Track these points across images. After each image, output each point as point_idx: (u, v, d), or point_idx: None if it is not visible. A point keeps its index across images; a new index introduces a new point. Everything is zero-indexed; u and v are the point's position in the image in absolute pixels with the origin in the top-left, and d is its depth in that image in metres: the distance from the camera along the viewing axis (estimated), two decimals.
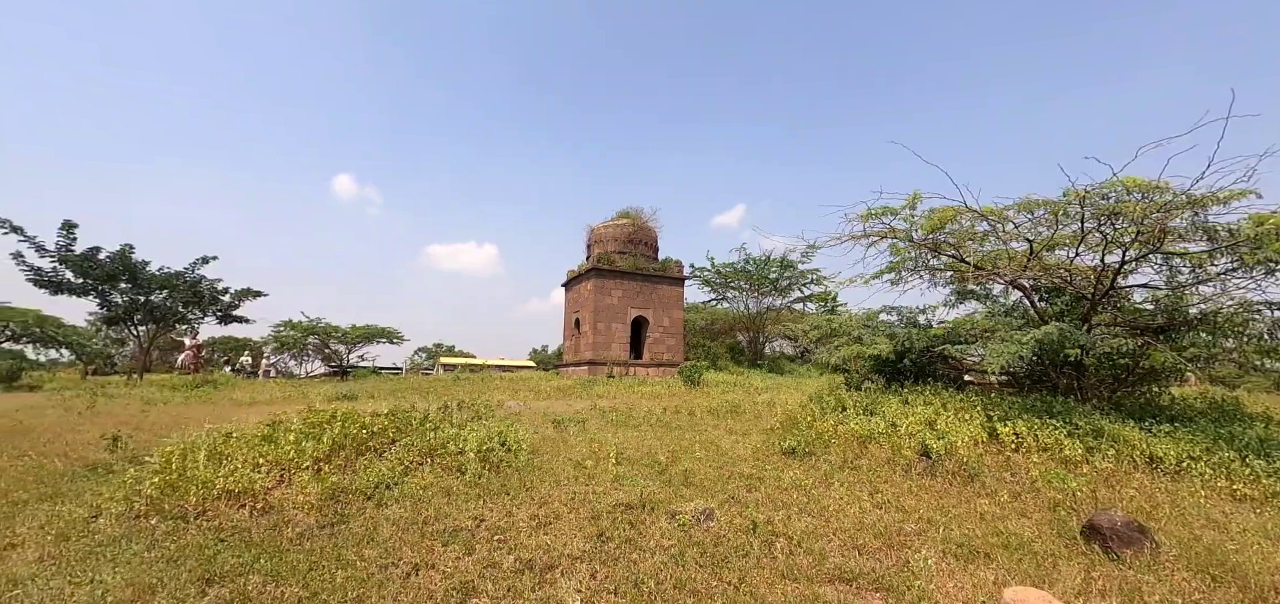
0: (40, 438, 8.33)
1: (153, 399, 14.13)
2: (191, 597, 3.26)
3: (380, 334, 27.14)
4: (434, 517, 4.51)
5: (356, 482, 5.04)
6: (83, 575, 3.51)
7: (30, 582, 3.42)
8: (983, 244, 7.46)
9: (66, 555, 3.83)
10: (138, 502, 4.69)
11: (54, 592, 3.30)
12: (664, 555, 3.87)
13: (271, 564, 3.67)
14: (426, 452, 5.72)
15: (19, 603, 3.23)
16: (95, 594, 3.25)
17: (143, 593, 3.27)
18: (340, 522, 4.42)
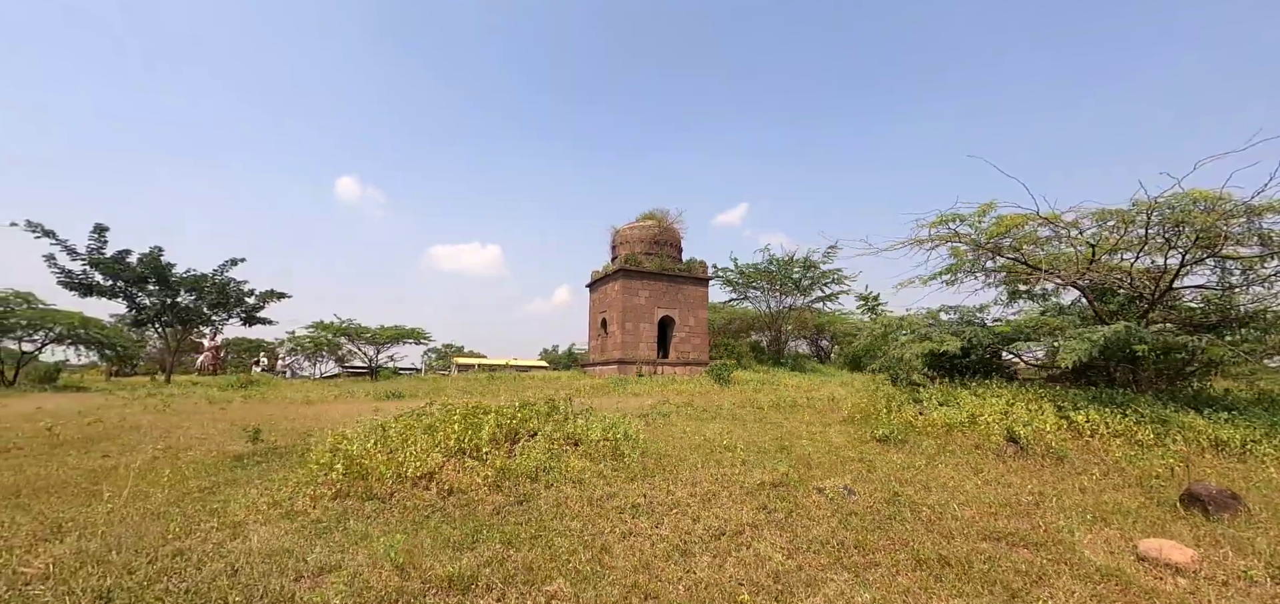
0: (156, 434, 8.82)
1: (216, 399, 14.57)
2: (450, 558, 3.81)
3: (407, 335, 27.56)
4: (603, 495, 5.07)
5: (518, 465, 5.60)
6: (341, 543, 4.05)
7: (299, 551, 3.95)
8: (1043, 248, 8.13)
9: (306, 529, 4.37)
10: (327, 487, 5.25)
11: (326, 557, 3.83)
12: (830, 521, 4.47)
13: (498, 534, 4.22)
14: (568, 439, 6.29)
15: (304, 564, 3.76)
16: (375, 554, 3.80)
17: (412, 556, 3.81)
18: (525, 499, 4.99)
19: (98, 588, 3.40)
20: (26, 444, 7.90)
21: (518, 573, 3.61)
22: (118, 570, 3.64)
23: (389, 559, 3.70)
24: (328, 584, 3.49)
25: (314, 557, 3.78)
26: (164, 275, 25.00)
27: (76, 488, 5.70)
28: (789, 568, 3.77)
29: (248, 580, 3.52)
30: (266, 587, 3.47)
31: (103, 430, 8.98)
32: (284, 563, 3.72)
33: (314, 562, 3.71)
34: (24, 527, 4.47)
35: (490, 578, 3.52)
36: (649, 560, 3.85)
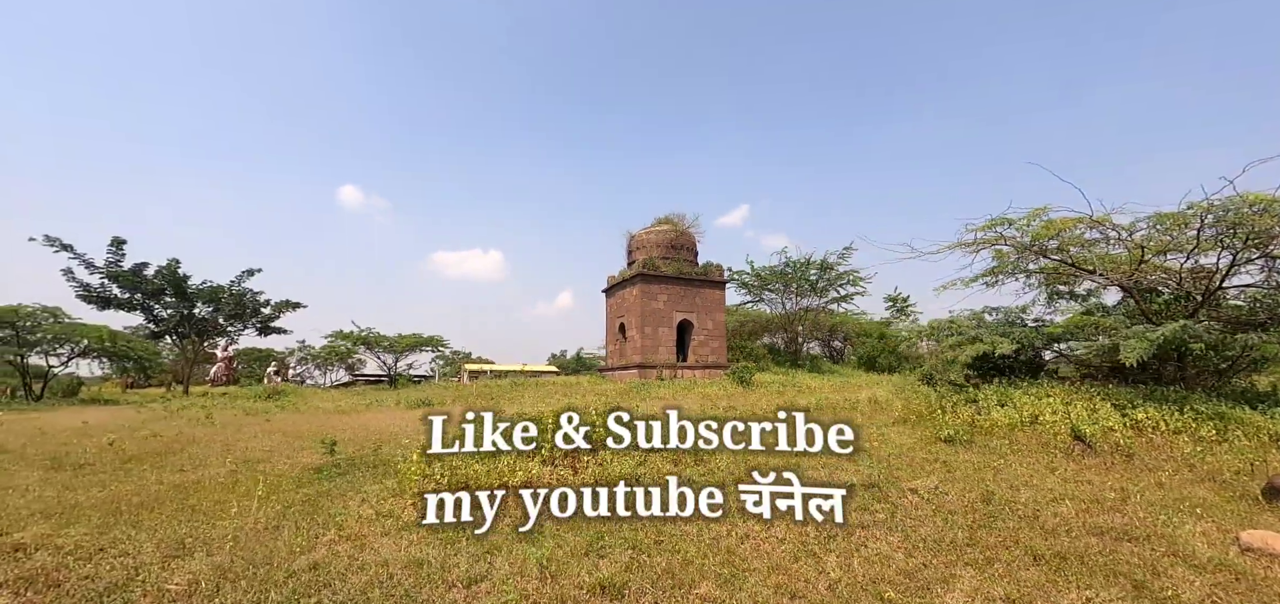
0: (217, 447, 8.92)
1: (252, 410, 14.65)
2: (590, 566, 3.96)
3: (425, 342, 27.64)
4: None
5: (613, 472, 5.76)
6: (476, 553, 4.18)
7: (438, 561, 4.09)
8: (1088, 249, 8.35)
9: (431, 540, 4.50)
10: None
11: (469, 567, 3.96)
12: (934, 521, 4.65)
13: (623, 540, 4.37)
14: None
15: (450, 574, 3.90)
16: (517, 563, 3.95)
17: (554, 564, 3.95)
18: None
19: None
20: (96, 460, 7.99)
21: (662, 578, 3.76)
22: (260, 586, 3.76)
23: (536, 567, 3.85)
24: (482, 594, 3.64)
25: (458, 567, 3.92)
26: (181, 287, 25.02)
27: (172, 504, 5.81)
28: (915, 565, 3.94)
29: (400, 593, 3.66)
30: (419, 599, 3.61)
31: (163, 445, 9.07)
32: (429, 574, 3.86)
33: (461, 572, 3.85)
34: (145, 544, 4.58)
35: (639, 584, 3.67)
36: (778, 561, 4.02)
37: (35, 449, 8.85)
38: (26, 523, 5.14)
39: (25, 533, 4.83)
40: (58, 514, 5.41)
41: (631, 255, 25.26)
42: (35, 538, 4.72)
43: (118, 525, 5.05)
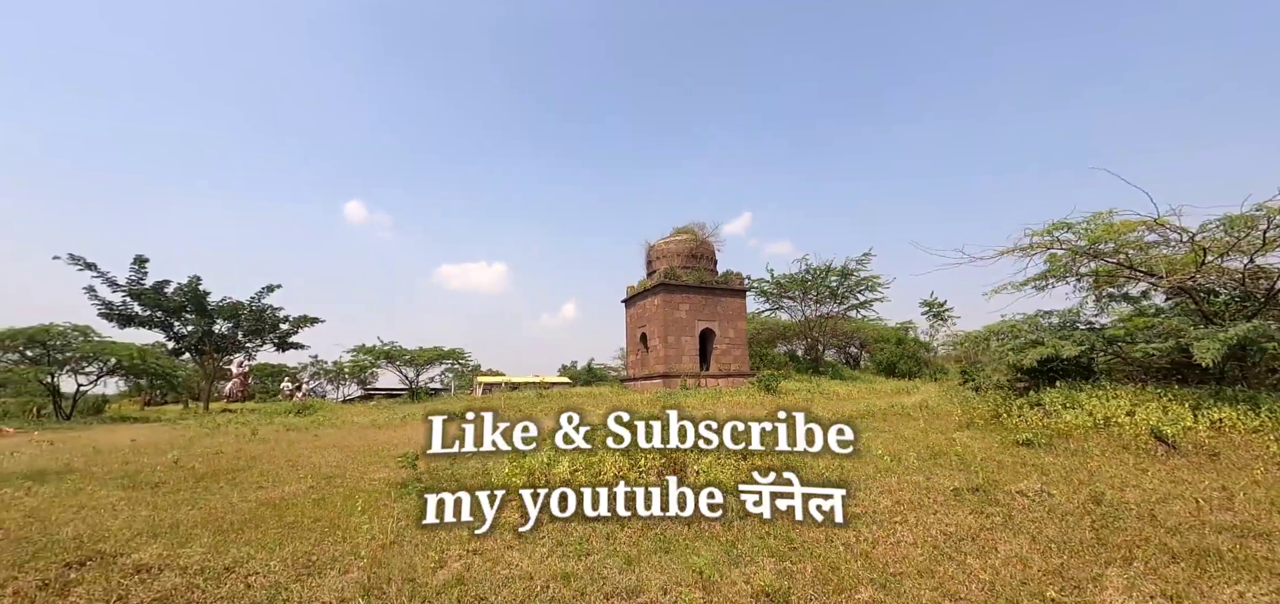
0: (282, 463, 8.95)
1: (292, 424, 14.67)
2: (742, 573, 4.01)
3: (446, 356, 27.62)
4: None
5: (706, 481, 5.80)
6: (621, 564, 4.22)
7: (586, 573, 4.14)
8: (1147, 252, 8.48)
9: (568, 551, 4.55)
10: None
11: (622, 578, 4.00)
12: (1054, 522, 4.71)
13: (763, 548, 4.43)
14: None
15: (604, 586, 3.94)
16: (674, 573, 4.00)
17: (709, 573, 4.00)
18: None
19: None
20: (168, 477, 8.00)
21: (818, 584, 3.81)
22: (421, 603, 3.80)
23: (693, 575, 3.89)
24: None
25: (611, 578, 3.96)
26: (202, 304, 25.03)
27: (273, 522, 5.80)
28: (1057, 565, 4.00)
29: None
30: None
31: (228, 462, 9.08)
32: (583, 587, 3.89)
33: (616, 584, 3.89)
34: (270, 562, 4.60)
35: (800, 590, 3.72)
36: (921, 565, 4.07)
37: (99, 467, 8.85)
38: (136, 542, 5.15)
39: (142, 553, 4.85)
40: (164, 533, 5.42)
41: (651, 265, 25.39)
42: (156, 558, 4.74)
43: (231, 544, 5.06)
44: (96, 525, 5.66)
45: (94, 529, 5.53)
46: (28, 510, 6.27)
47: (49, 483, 7.82)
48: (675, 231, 25.74)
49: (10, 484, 7.69)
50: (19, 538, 5.34)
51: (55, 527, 5.60)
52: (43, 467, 9.00)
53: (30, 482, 7.84)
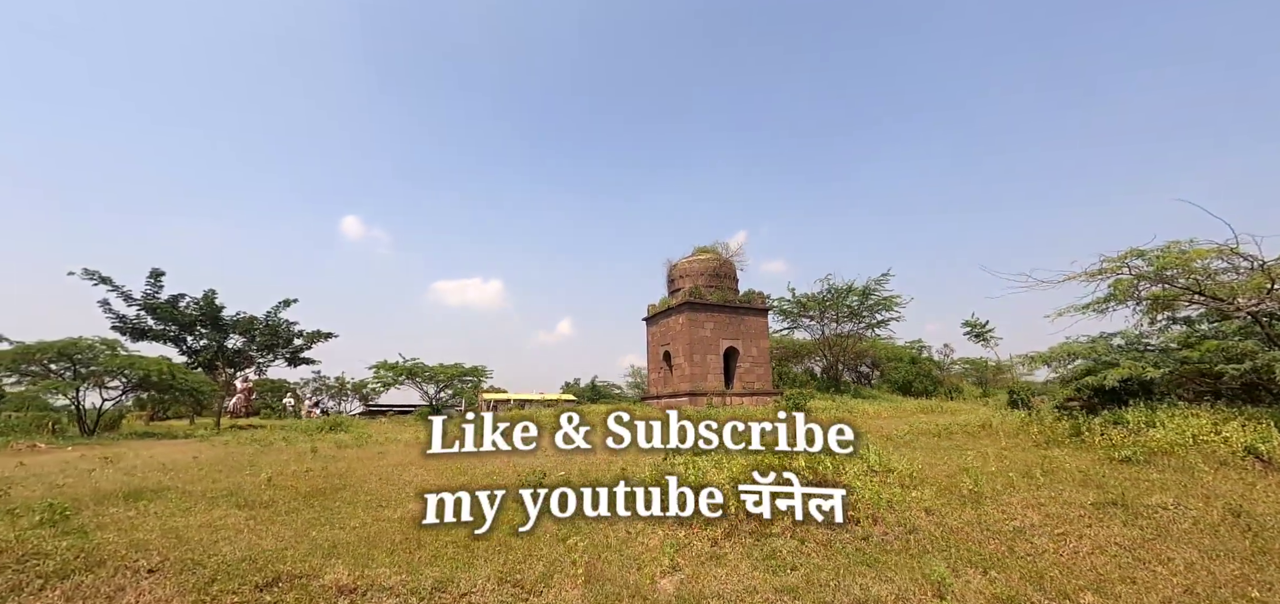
0: (375, 481, 8.94)
1: (344, 442, 14.53)
2: (975, 580, 4.23)
3: (467, 373, 27.39)
4: (955, 522, 5.54)
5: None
6: (807, 576, 4.41)
7: (776, 588, 4.32)
8: (1215, 278, 8.98)
9: (755, 564, 4.72)
10: (693, 525, 5.60)
11: (857, 586, 4.21)
12: (1205, 535, 5.01)
13: (942, 557, 4.65)
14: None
15: (822, 598, 4.12)
16: (903, 582, 4.20)
17: (946, 580, 4.21)
18: (914, 529, 5.42)
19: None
20: (274, 498, 7.95)
21: (1038, 587, 4.05)
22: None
23: (930, 583, 4.10)
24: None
25: (833, 587, 4.15)
26: (217, 318, 24.63)
27: (429, 541, 5.80)
28: (1235, 572, 4.29)
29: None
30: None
31: (324, 481, 9.03)
32: (819, 597, 4.08)
33: (849, 591, 4.08)
34: (479, 581, 4.65)
35: (1031, 596, 3.95)
36: (1118, 573, 4.33)
37: (188, 486, 8.74)
38: (314, 562, 5.17)
39: (332, 572, 4.88)
40: (336, 552, 5.43)
41: (674, 284, 25.66)
42: (350, 578, 4.77)
43: (421, 565, 5.07)
44: (252, 546, 5.66)
45: (252, 550, 5.52)
46: (163, 531, 6.22)
47: (150, 501, 7.73)
48: (697, 250, 26.08)
49: (113, 504, 7.57)
50: (180, 561, 5.30)
51: (205, 548, 5.56)
52: (129, 486, 8.85)
53: (131, 501, 7.74)
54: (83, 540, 5.59)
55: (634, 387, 45.85)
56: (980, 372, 31.21)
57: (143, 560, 5.25)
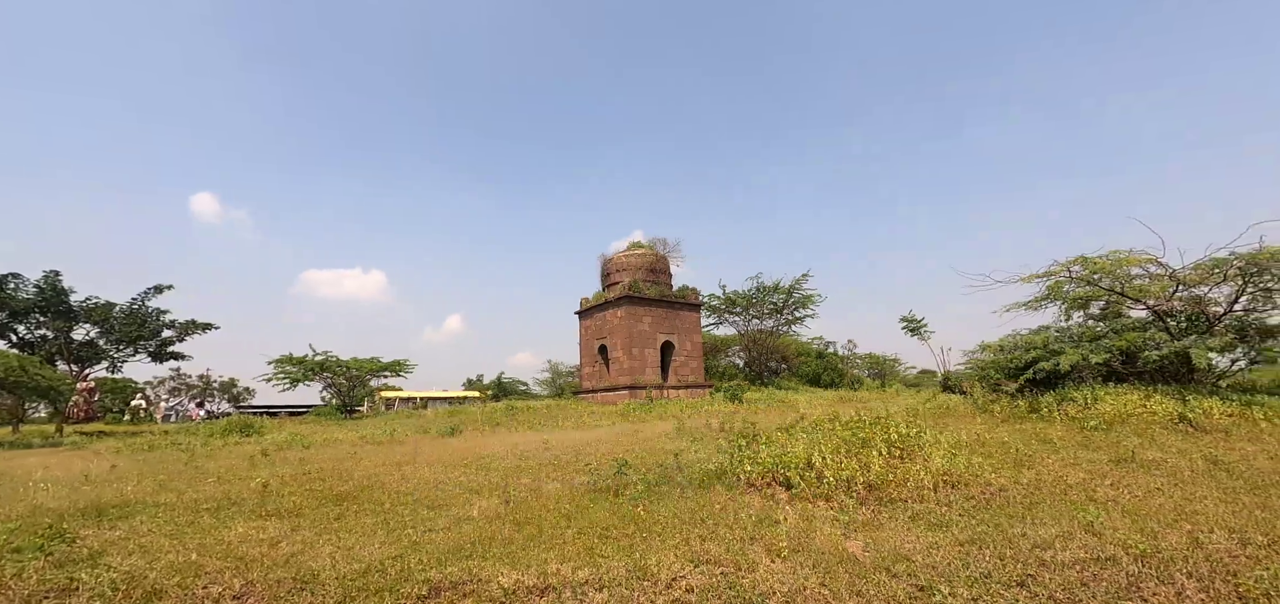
0: (400, 483, 8.03)
1: (280, 443, 12.65)
2: (1126, 533, 4.88)
3: (386, 368, 24.71)
4: (1036, 483, 6.36)
5: (932, 471, 6.63)
6: (980, 534, 4.86)
7: (924, 556, 4.73)
8: (1130, 283, 11.06)
9: (909, 534, 5.07)
10: (830, 503, 5.86)
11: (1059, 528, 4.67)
12: (1209, 478, 6.25)
13: (1075, 516, 5.34)
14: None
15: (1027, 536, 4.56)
16: (1069, 526, 4.74)
17: (1109, 528, 4.80)
18: (1002, 490, 6.09)
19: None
20: (298, 505, 6.90)
21: (1139, 520, 4.81)
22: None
23: (1080, 524, 4.69)
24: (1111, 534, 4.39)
25: (1008, 531, 4.61)
26: (63, 305, 20.21)
27: (533, 540, 5.48)
28: (1251, 501, 5.43)
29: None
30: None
31: (342, 487, 7.95)
32: (998, 542, 4.49)
33: (1021, 535, 4.55)
34: (672, 562, 4.49)
35: (1151, 526, 4.70)
36: (1174, 509, 5.27)
37: (168, 499, 7.24)
38: (440, 569, 4.64)
39: (504, 575, 4.42)
40: (451, 554, 4.91)
41: (611, 277, 25.62)
42: (534, 579, 4.32)
43: (581, 555, 4.74)
44: (348, 555, 4.94)
45: (354, 559, 4.85)
46: (204, 549, 5.19)
47: (145, 516, 6.38)
48: (632, 245, 26.30)
49: (100, 522, 6.11)
50: (270, 581, 4.50)
51: (286, 563, 4.77)
52: (95, 500, 7.12)
53: (122, 517, 6.29)
54: (103, 569, 4.53)
55: (542, 383, 44.94)
56: (878, 366, 35.17)
57: (215, 585, 4.38)
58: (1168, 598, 3.79)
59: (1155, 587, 3.91)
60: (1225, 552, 4.38)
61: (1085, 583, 4.01)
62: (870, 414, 12.30)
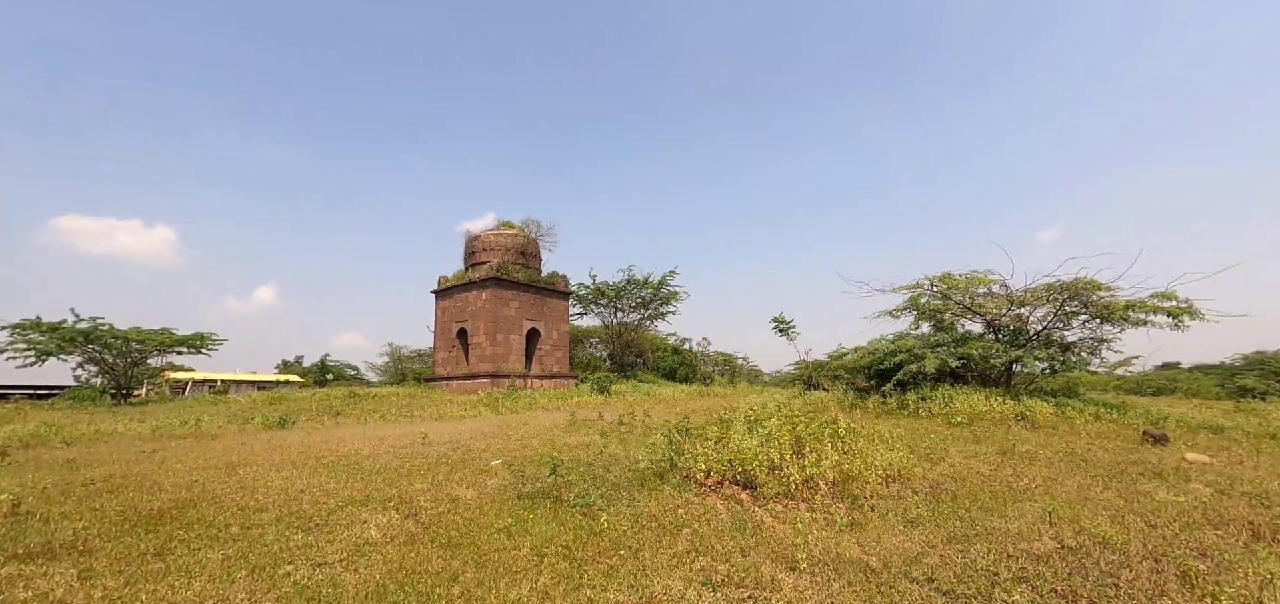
0: (266, 494, 5.97)
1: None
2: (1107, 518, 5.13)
3: (183, 342, 19.06)
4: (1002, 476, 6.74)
5: (865, 468, 6.70)
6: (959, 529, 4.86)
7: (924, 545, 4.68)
8: (973, 298, 12.72)
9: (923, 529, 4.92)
10: (803, 502, 5.53)
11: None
12: (1079, 462, 7.19)
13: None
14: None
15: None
16: (1029, 520, 4.86)
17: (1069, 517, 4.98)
18: (938, 483, 6.28)
19: None
20: (84, 537, 4.76)
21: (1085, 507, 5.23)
22: None
23: (1045, 518, 4.86)
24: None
25: (977, 531, 4.63)
26: None
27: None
28: (1085, 481, 6.31)
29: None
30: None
31: (165, 501, 5.68)
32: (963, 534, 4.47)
33: (997, 535, 4.59)
34: (682, 589, 3.81)
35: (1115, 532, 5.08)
36: (1075, 491, 5.89)
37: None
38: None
39: None
40: None
41: (476, 256, 23.43)
42: None
43: (545, 600, 3.78)
44: None
45: None
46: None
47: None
48: (501, 224, 24.44)
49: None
50: None
51: None
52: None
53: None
54: None
55: (378, 369, 40.07)
56: (728, 364, 37.37)
57: None
58: (1140, 578, 4.00)
59: (1126, 573, 4.12)
60: (1147, 533, 4.87)
61: (1073, 573, 4.10)
62: (740, 408, 12.48)
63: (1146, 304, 11.12)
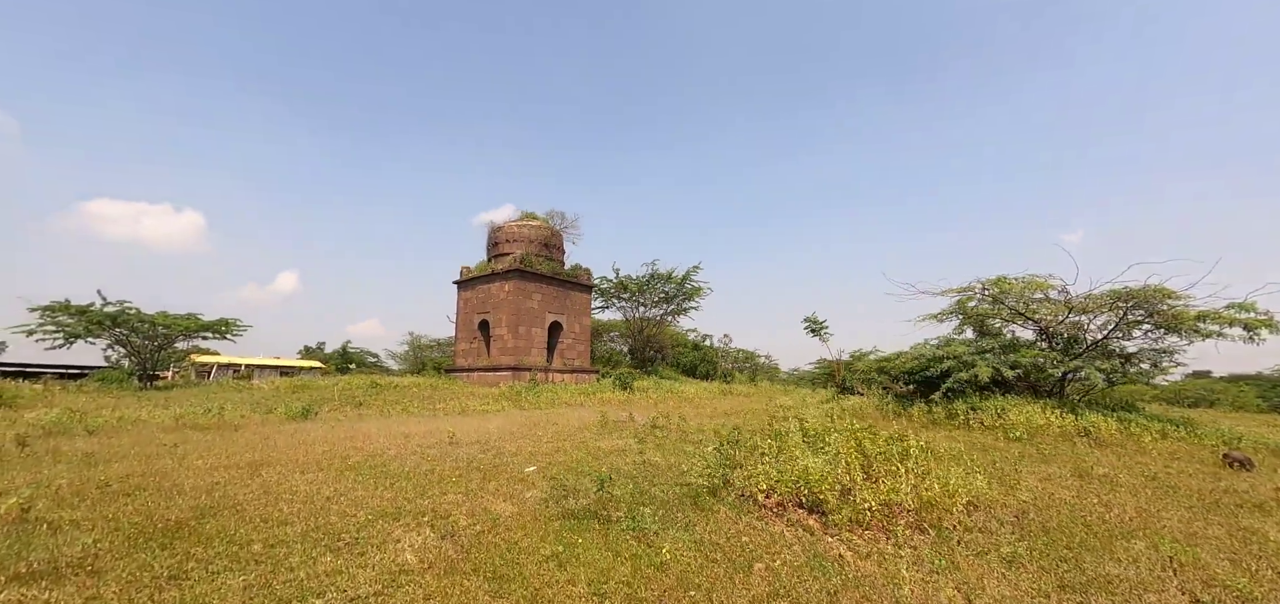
0: (291, 502, 5.58)
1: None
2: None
3: (210, 327, 19.02)
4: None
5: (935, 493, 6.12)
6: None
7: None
8: (1028, 304, 11.98)
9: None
10: (854, 529, 4.98)
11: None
12: (1157, 487, 6.52)
13: None
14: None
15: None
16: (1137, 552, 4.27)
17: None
18: (1022, 513, 5.70)
19: None
20: (94, 554, 4.37)
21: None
22: None
23: (1159, 555, 4.27)
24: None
25: (1073, 565, 4.05)
26: None
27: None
28: (1173, 508, 5.65)
29: None
30: None
31: (183, 510, 5.31)
32: None
33: (1096, 569, 4.01)
34: None
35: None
36: (1141, 515, 5.27)
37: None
38: None
39: None
40: None
41: (499, 248, 23.04)
42: None
43: None
44: None
45: None
46: None
47: None
48: (525, 215, 24.00)
49: None
50: None
51: None
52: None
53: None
54: None
55: (398, 357, 40.06)
56: (750, 362, 36.65)
57: None
58: None
59: None
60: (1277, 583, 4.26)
61: None
62: (769, 410, 11.84)
63: (1222, 315, 10.29)
